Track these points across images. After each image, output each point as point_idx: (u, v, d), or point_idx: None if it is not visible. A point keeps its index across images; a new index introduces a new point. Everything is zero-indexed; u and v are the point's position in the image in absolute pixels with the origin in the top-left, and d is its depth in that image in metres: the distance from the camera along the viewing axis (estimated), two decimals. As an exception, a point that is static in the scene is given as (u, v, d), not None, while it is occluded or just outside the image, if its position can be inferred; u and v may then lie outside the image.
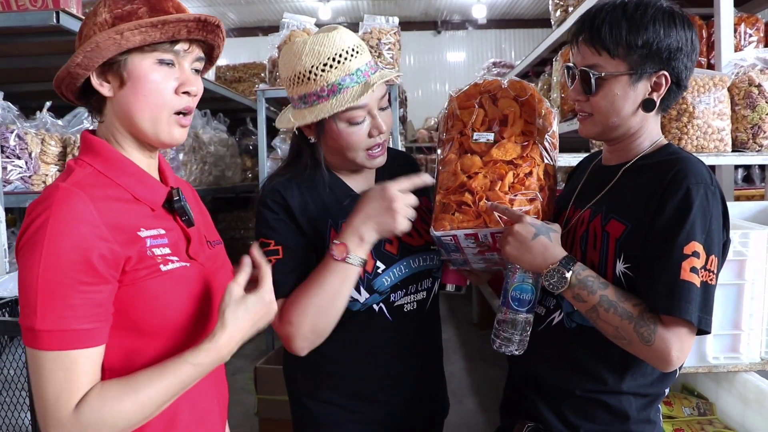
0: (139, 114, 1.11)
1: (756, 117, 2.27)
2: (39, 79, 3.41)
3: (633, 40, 1.29)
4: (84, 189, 1.03)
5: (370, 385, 1.55)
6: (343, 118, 1.43)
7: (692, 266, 1.21)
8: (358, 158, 1.48)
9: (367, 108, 1.43)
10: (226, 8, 10.50)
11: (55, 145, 2.65)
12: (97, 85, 1.10)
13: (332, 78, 1.40)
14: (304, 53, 1.41)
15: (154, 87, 1.10)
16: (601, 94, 1.34)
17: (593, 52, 1.33)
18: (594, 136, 1.42)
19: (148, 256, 1.08)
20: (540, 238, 1.30)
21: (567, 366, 1.41)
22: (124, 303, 1.06)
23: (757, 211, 2.49)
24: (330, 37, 1.41)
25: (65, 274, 0.97)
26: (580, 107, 1.41)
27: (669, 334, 1.21)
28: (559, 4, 3.78)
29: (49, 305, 0.96)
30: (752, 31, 2.78)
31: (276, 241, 1.46)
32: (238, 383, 4.23)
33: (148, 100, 1.10)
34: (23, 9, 2.35)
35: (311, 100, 1.43)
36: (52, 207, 0.99)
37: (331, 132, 1.46)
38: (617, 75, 1.32)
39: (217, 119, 4.75)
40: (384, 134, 1.48)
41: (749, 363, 2.06)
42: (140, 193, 1.13)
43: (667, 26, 1.29)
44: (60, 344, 0.97)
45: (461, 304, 6.45)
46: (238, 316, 1.09)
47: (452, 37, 12.24)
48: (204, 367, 1.07)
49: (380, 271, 1.49)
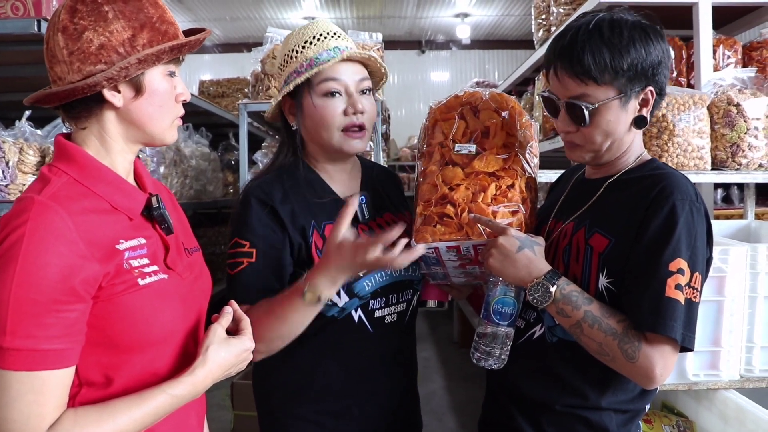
0: (155, 122, 1.14)
1: (735, 136, 2.29)
2: (19, 88, 3.35)
3: (618, 65, 1.26)
4: (60, 202, 1.01)
5: (346, 398, 1.52)
6: (318, 91, 1.46)
7: (677, 283, 1.21)
8: (333, 138, 1.48)
9: (342, 83, 1.46)
10: (211, 24, 10.50)
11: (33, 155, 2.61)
12: (109, 96, 1.08)
13: (310, 54, 1.47)
14: (291, 37, 1.51)
15: (166, 97, 1.14)
16: (594, 124, 1.31)
17: (578, 83, 1.29)
18: (586, 161, 1.41)
19: (125, 269, 1.06)
20: (524, 252, 1.29)
21: (547, 380, 1.40)
22: (100, 319, 1.03)
23: (737, 230, 2.51)
24: (315, 23, 1.51)
25: (40, 292, 0.94)
26: (570, 138, 1.38)
27: (653, 352, 1.21)
28: (542, 24, 3.82)
29: (20, 323, 0.93)
30: (730, 52, 2.82)
31: (251, 243, 1.44)
32: (214, 399, 4.16)
33: (163, 110, 1.14)
34: (4, 17, 2.31)
35: (292, 78, 1.48)
36: (28, 222, 0.96)
37: (307, 108, 1.48)
38: (608, 102, 1.29)
39: (199, 133, 4.71)
40: (362, 116, 1.48)
41: (729, 380, 2.06)
42: (118, 202, 1.10)
43: (646, 44, 1.28)
44: (30, 364, 0.94)
45: (442, 323, 6.43)
46: (220, 355, 1.12)
47: (436, 56, 12.32)
48: (180, 399, 1.08)
49: (361, 274, 1.46)
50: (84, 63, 1.05)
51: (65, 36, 1.05)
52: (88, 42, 1.05)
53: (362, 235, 1.33)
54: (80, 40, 1.05)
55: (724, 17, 3.04)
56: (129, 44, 1.07)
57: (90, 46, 1.05)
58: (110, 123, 1.12)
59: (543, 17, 3.80)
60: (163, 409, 1.06)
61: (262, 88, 3.58)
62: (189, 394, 1.09)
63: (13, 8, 2.33)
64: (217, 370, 1.12)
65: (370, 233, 1.53)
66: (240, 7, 9.80)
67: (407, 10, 10.21)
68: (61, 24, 1.06)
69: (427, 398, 1.69)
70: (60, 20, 1.06)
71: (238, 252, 1.44)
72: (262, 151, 3.91)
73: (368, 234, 1.51)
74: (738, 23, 3.14)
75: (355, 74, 1.49)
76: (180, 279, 1.17)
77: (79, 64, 1.05)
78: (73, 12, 1.06)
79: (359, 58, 1.50)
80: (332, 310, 1.46)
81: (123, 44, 1.06)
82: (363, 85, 1.50)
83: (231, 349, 1.14)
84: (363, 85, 1.50)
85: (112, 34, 1.06)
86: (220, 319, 1.16)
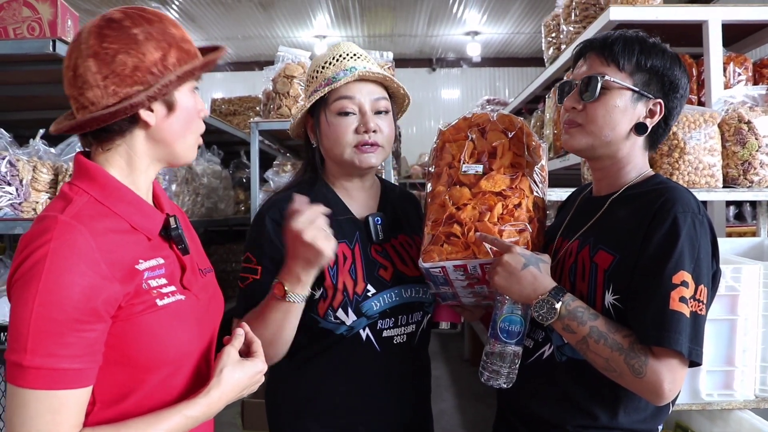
0: (182, 138, 1.16)
1: (746, 153, 2.28)
2: (33, 107, 3.40)
3: (643, 60, 1.34)
4: (83, 222, 1.02)
5: (352, 416, 1.52)
6: (332, 109, 1.49)
7: (681, 296, 1.20)
8: (346, 154, 1.50)
9: (357, 102, 1.49)
10: (224, 42, 10.57)
11: (46, 173, 2.64)
12: (145, 115, 1.10)
13: (329, 73, 1.50)
14: (316, 59, 1.55)
15: (193, 113, 1.16)
16: (602, 101, 1.35)
17: (602, 62, 1.36)
18: (581, 147, 1.40)
19: (143, 290, 1.07)
20: (529, 269, 1.29)
21: (557, 400, 1.39)
22: (117, 338, 1.04)
23: (749, 248, 2.49)
24: (339, 45, 1.55)
25: (62, 312, 0.95)
26: (573, 117, 1.40)
27: (660, 366, 1.19)
28: (552, 42, 3.83)
29: (41, 342, 0.94)
30: (741, 70, 2.81)
31: (258, 260, 1.47)
32: (224, 417, 4.14)
33: (190, 126, 1.16)
34: (20, 37, 2.36)
35: (311, 96, 1.52)
36: (52, 241, 0.97)
37: (323, 125, 1.51)
38: (621, 87, 1.34)
39: (211, 151, 4.75)
40: (374, 135, 1.49)
41: (743, 400, 2.03)
42: (138, 222, 1.11)
43: (673, 62, 1.35)
44: (49, 383, 0.95)
45: (453, 341, 6.40)
46: (234, 376, 1.13)
47: (447, 74, 12.38)
48: (194, 421, 1.09)
49: (370, 294, 1.47)
50: (120, 86, 1.06)
51: (97, 61, 1.06)
52: (123, 65, 1.06)
53: None
54: (114, 63, 1.05)
55: (734, 35, 3.04)
56: (161, 64, 1.08)
57: (125, 68, 1.06)
58: (139, 142, 1.13)
59: (553, 35, 3.82)
60: (178, 430, 1.07)
61: (273, 106, 3.60)
62: (203, 415, 1.10)
63: (29, 29, 2.37)
64: (231, 391, 1.13)
65: (384, 255, 1.54)
66: (252, 26, 9.91)
67: (418, 29, 10.28)
68: (90, 50, 1.06)
69: (437, 417, 1.68)
70: (89, 46, 1.06)
71: (247, 267, 1.49)
72: (274, 169, 3.93)
73: (382, 254, 1.52)
74: (748, 40, 3.13)
75: (370, 94, 1.50)
76: (196, 300, 1.18)
77: (114, 87, 1.06)
78: (101, 37, 1.06)
79: (374, 77, 1.51)
80: (341, 328, 1.47)
81: (156, 64, 1.08)
82: (379, 105, 1.51)
83: (245, 371, 1.15)
84: (379, 105, 1.51)
85: (144, 55, 1.07)
86: (233, 341, 1.17)
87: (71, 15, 2.48)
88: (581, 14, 3.29)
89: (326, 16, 9.51)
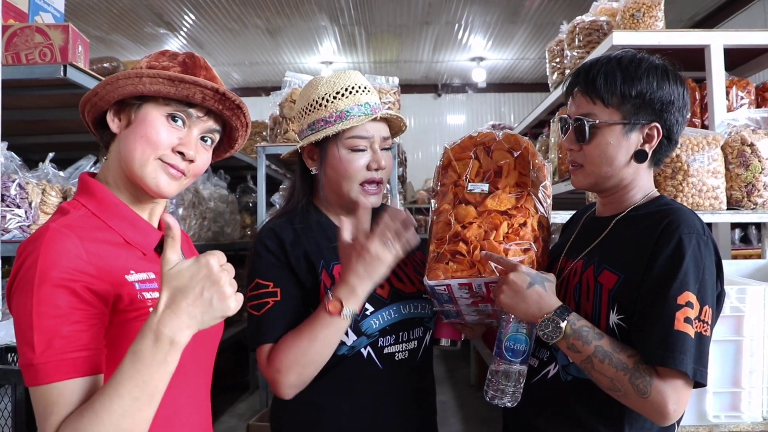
0: (131, 153, 1.14)
1: (750, 175, 2.29)
2: (44, 131, 3.44)
3: (627, 90, 1.32)
4: (73, 230, 1.05)
5: None
6: (346, 144, 1.50)
7: (686, 316, 1.20)
8: (352, 191, 1.51)
9: (370, 140, 1.51)
10: (231, 68, 10.73)
11: (55, 196, 2.66)
12: (109, 119, 1.16)
13: (342, 106, 1.50)
14: (321, 84, 1.54)
15: (152, 132, 1.14)
16: (594, 143, 1.36)
17: (588, 101, 1.36)
18: (586, 187, 1.43)
19: (139, 300, 1.09)
20: (535, 288, 1.30)
21: (563, 420, 1.38)
22: (112, 341, 1.05)
23: (755, 269, 2.49)
24: (346, 73, 1.55)
25: (57, 307, 0.97)
26: (573, 157, 1.42)
27: (665, 387, 1.19)
28: (556, 67, 3.87)
29: (43, 337, 0.96)
30: (743, 93, 2.84)
31: (275, 283, 1.46)
32: (230, 442, 4.14)
33: (142, 142, 1.13)
34: (32, 62, 2.40)
35: (319, 126, 1.52)
36: (41, 246, 1.01)
37: (332, 158, 1.52)
38: (611, 124, 1.34)
39: (217, 176, 4.79)
40: (382, 171, 1.52)
41: (751, 423, 2.01)
42: (131, 237, 1.15)
43: (660, 80, 1.33)
44: (60, 374, 0.95)
45: (459, 366, 6.35)
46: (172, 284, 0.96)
47: (452, 100, 12.46)
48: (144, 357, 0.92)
49: (368, 312, 1.48)
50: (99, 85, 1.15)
51: None
52: None
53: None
54: None
55: (736, 59, 3.07)
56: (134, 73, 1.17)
57: None
58: (114, 150, 1.21)
59: (557, 60, 3.85)
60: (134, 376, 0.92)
61: (280, 131, 3.63)
62: (152, 342, 0.93)
63: (40, 54, 2.41)
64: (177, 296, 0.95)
65: None
66: (259, 52, 10.03)
67: (423, 55, 10.38)
68: None
69: (444, 441, 1.68)
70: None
71: (262, 293, 1.46)
72: (280, 194, 3.96)
73: None
74: (751, 64, 3.17)
75: (380, 131, 1.54)
76: None
77: None
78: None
79: (388, 117, 1.56)
80: (342, 349, 1.47)
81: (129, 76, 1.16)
82: (387, 142, 1.56)
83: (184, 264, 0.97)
84: (387, 143, 1.56)
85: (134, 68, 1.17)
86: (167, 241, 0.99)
87: (82, 41, 2.53)
88: (585, 39, 3.34)
89: (332, 43, 9.62)
